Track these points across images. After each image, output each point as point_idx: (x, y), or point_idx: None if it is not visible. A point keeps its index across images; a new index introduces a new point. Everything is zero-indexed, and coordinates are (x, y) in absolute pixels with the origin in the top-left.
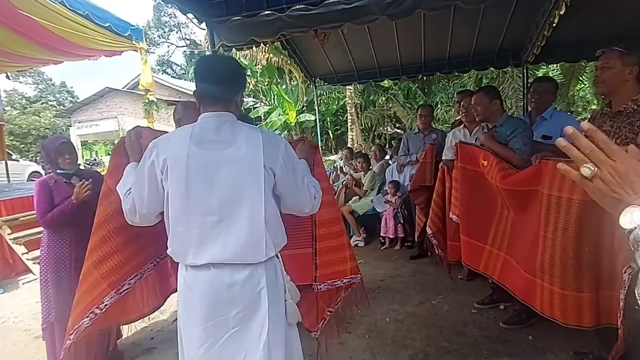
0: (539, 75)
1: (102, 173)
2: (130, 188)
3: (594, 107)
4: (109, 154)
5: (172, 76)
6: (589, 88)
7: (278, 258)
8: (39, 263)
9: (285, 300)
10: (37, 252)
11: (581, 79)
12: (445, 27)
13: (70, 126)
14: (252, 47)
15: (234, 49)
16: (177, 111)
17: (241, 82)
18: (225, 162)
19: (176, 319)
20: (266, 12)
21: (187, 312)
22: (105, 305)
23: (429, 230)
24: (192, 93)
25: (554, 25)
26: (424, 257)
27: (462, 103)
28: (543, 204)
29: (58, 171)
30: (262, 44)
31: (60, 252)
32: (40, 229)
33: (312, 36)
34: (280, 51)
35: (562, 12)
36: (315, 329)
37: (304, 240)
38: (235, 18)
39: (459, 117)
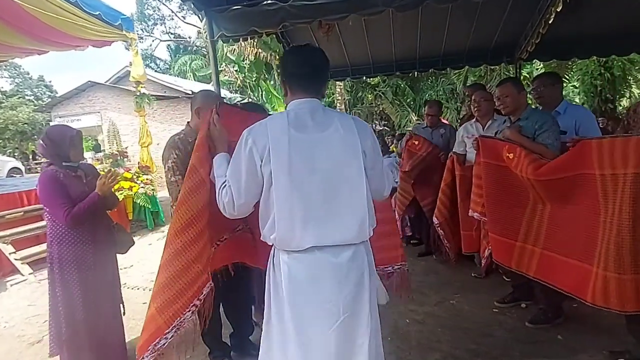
0: (524, 74)
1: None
2: (225, 181)
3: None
4: (90, 150)
5: (155, 70)
6: (572, 87)
7: (369, 241)
8: (49, 263)
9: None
10: (25, 252)
11: (567, 77)
12: (441, 23)
13: (51, 121)
14: (239, 41)
15: (221, 41)
16: (196, 101)
17: (329, 73)
18: (324, 144)
19: None
20: (268, 2)
21: (295, 300)
22: (204, 295)
23: (435, 221)
24: (178, 87)
25: (550, 22)
26: (432, 254)
27: (473, 97)
28: (598, 186)
29: (64, 164)
30: (250, 38)
31: (83, 250)
32: (29, 226)
33: (314, 29)
34: (269, 46)
35: (558, 9)
36: None
37: None
38: (236, 7)
39: (473, 110)
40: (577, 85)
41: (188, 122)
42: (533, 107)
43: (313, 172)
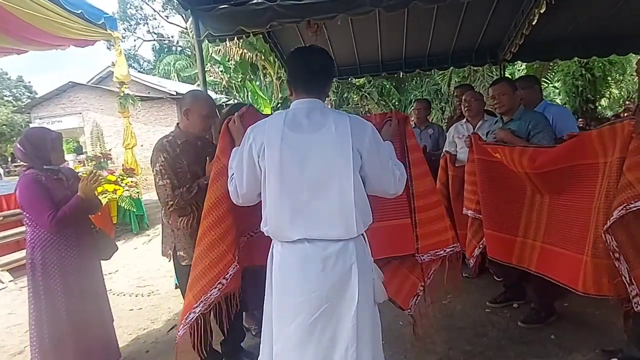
0: (506, 75)
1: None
2: (234, 173)
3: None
4: (72, 152)
5: (139, 71)
6: (553, 87)
7: (365, 239)
8: (30, 269)
9: (373, 279)
10: (5, 259)
11: (549, 78)
12: (427, 25)
13: (30, 122)
14: (226, 41)
15: (206, 41)
16: (184, 102)
17: (332, 73)
18: (316, 143)
19: (171, 329)
20: (256, 1)
21: (282, 287)
22: (230, 275)
23: None
24: (162, 88)
25: (533, 24)
26: None
27: (463, 97)
28: (600, 174)
29: (45, 167)
30: (237, 38)
31: (67, 255)
32: (9, 232)
33: (301, 29)
34: (255, 46)
35: (542, 11)
36: (408, 306)
37: (398, 211)
38: (223, 6)
39: (464, 111)
40: (558, 86)
41: (177, 123)
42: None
43: (303, 170)
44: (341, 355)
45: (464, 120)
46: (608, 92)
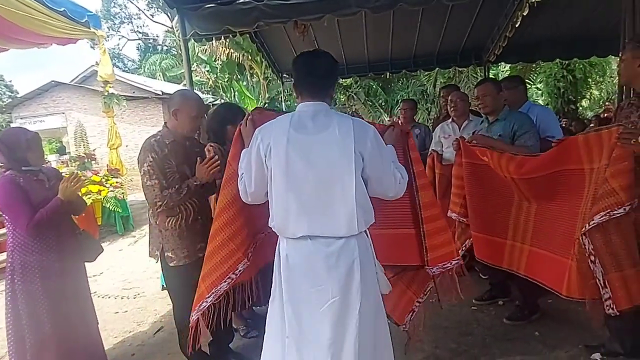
0: (491, 76)
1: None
2: (243, 172)
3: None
4: (55, 152)
5: (123, 70)
6: (535, 88)
7: (367, 235)
8: (9, 273)
9: (376, 272)
10: None
11: (532, 79)
12: (413, 26)
13: (12, 122)
14: (212, 40)
15: (193, 40)
16: (173, 102)
17: (336, 75)
18: (320, 145)
19: (157, 331)
20: (242, 1)
21: (290, 281)
22: (240, 270)
23: None
24: (148, 88)
25: (516, 26)
26: None
27: (449, 97)
28: (586, 180)
29: (23, 168)
30: (223, 38)
31: (47, 258)
32: None
33: (288, 29)
34: (242, 46)
35: (525, 13)
36: (403, 322)
37: (402, 220)
38: (209, 5)
39: (450, 111)
40: (540, 87)
41: (165, 123)
42: None
43: (307, 170)
44: (350, 343)
45: (450, 120)
46: (589, 94)
